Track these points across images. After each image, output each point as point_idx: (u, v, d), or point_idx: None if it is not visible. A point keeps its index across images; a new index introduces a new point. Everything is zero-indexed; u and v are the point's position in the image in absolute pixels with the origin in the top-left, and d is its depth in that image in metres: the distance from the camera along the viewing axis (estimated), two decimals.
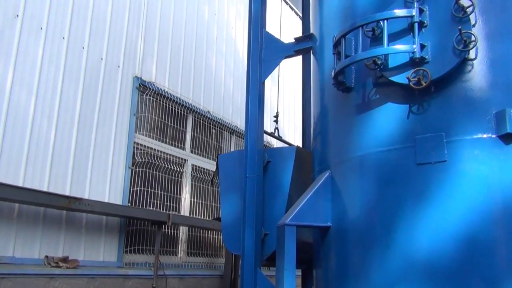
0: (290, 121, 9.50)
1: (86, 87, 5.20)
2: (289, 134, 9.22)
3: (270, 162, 3.85)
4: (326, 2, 3.56)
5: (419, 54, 2.63)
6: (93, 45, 5.36)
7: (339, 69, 2.97)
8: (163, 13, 6.53)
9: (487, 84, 2.56)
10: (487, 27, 2.63)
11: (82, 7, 5.27)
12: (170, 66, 6.55)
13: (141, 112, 5.95)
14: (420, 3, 2.73)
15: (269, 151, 3.94)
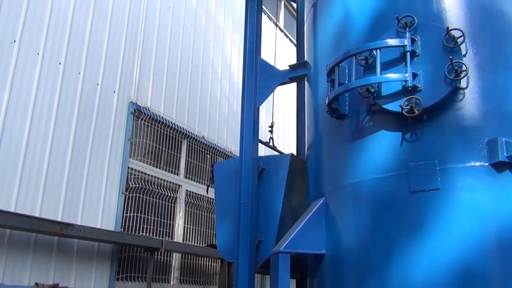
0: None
1: (81, 112, 5.21)
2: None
3: (264, 169, 3.89)
4: (320, 31, 3.63)
5: (412, 82, 2.67)
6: (89, 71, 5.39)
7: (333, 96, 3.00)
8: (160, 39, 6.61)
9: (479, 112, 2.59)
10: (478, 57, 2.69)
11: (79, 33, 5.33)
12: (166, 91, 6.59)
13: (136, 137, 5.95)
14: (412, 33, 2.78)
15: (264, 159, 3.98)
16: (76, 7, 5.32)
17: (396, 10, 2.94)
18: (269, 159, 3.99)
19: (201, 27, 7.63)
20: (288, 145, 9.37)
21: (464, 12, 2.79)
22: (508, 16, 2.78)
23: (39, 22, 4.87)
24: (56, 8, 5.07)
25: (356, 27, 3.21)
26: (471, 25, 2.76)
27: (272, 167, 3.88)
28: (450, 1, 2.84)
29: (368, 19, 3.15)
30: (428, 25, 2.78)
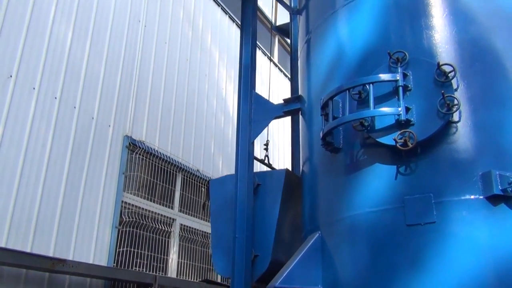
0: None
1: (76, 146, 5.20)
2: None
3: (260, 185, 3.95)
4: (314, 65, 3.69)
5: (405, 116, 2.70)
6: (84, 105, 5.42)
7: (327, 130, 3.02)
8: (155, 73, 6.68)
9: (472, 146, 2.62)
10: (469, 91, 2.73)
11: (75, 67, 5.38)
12: (161, 125, 6.61)
13: (130, 170, 5.93)
14: (403, 68, 2.83)
15: (259, 174, 4.03)
16: (73, 42, 5.40)
17: (388, 46, 3.00)
18: (264, 175, 4.04)
19: (196, 62, 7.73)
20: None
21: (454, 47, 2.86)
22: (496, 51, 2.84)
23: (36, 57, 4.92)
24: (53, 43, 5.14)
25: (349, 62, 3.27)
26: (462, 60, 2.81)
27: (267, 183, 3.94)
28: (440, 37, 2.91)
29: (361, 54, 3.22)
30: (419, 60, 2.83)
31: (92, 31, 5.69)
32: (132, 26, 6.37)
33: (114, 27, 6.05)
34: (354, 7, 3.40)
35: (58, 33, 5.21)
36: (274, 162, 6.84)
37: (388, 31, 3.12)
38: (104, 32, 5.89)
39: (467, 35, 2.87)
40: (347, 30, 3.41)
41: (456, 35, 2.88)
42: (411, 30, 3.01)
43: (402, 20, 3.10)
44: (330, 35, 3.53)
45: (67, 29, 5.34)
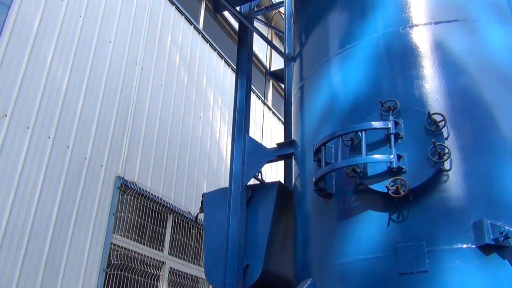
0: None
1: (67, 186, 5.16)
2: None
3: (253, 197, 4.07)
4: (307, 111, 3.74)
5: (396, 164, 2.73)
6: (78, 145, 5.42)
7: (319, 176, 3.04)
8: (150, 115, 6.74)
9: (463, 194, 2.63)
10: (460, 140, 2.77)
11: (71, 108, 5.42)
12: (154, 166, 6.61)
13: (121, 211, 5.86)
14: (395, 116, 2.89)
15: (252, 187, 4.16)
16: (70, 82, 5.46)
17: (379, 94, 3.07)
18: (257, 187, 4.17)
19: (191, 104, 7.82)
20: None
21: (444, 97, 2.92)
22: (486, 101, 2.91)
23: (32, 97, 4.96)
24: (50, 83, 5.19)
25: (342, 109, 3.33)
26: (452, 109, 2.87)
27: (260, 195, 4.07)
28: (430, 87, 2.99)
29: (353, 102, 3.28)
30: (410, 109, 2.89)
31: (89, 72, 5.77)
32: (129, 68, 6.47)
33: (111, 69, 6.14)
34: (346, 56, 3.50)
35: (55, 74, 5.28)
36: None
37: (380, 80, 3.20)
38: (101, 74, 5.97)
39: (457, 85, 2.95)
40: (340, 77, 3.49)
41: (446, 85, 2.96)
42: (402, 80, 3.09)
43: (394, 69, 3.19)
44: (323, 82, 3.61)
45: (64, 70, 5.41)
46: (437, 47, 3.12)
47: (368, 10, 3.53)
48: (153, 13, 7.21)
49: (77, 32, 5.69)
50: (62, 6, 5.52)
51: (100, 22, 6.08)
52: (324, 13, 3.90)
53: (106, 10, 6.23)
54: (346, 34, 3.60)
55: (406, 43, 3.22)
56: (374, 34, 3.40)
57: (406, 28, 3.28)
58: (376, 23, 3.44)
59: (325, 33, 3.82)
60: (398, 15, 3.36)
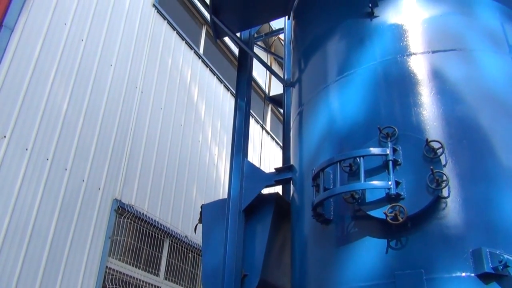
0: None
1: (64, 208, 5.13)
2: None
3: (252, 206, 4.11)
4: (306, 136, 3.76)
5: (395, 190, 2.73)
6: (76, 167, 5.41)
7: (318, 201, 3.03)
8: (149, 138, 6.75)
9: (462, 222, 2.63)
10: (458, 167, 2.78)
11: (70, 130, 5.43)
12: (151, 189, 6.58)
13: (117, 235, 5.82)
14: (393, 143, 2.90)
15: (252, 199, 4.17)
16: (70, 105, 5.49)
17: (378, 120, 3.10)
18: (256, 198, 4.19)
19: (190, 127, 7.85)
20: None
21: (442, 124, 2.95)
22: (483, 129, 2.93)
23: (31, 118, 4.97)
24: (50, 105, 5.22)
25: (340, 135, 3.35)
26: (449, 136, 2.90)
27: (258, 206, 4.13)
28: (428, 114, 3.01)
29: (351, 128, 3.30)
30: (408, 136, 2.91)
31: (89, 95, 5.80)
32: (129, 91, 6.52)
33: (111, 92, 6.18)
34: (345, 82, 3.54)
35: (55, 96, 5.31)
36: None
37: (378, 107, 3.23)
38: (101, 97, 6.01)
39: (454, 113, 2.97)
40: (339, 103, 3.52)
41: (443, 113, 2.98)
42: (400, 107, 3.12)
43: (392, 96, 3.22)
44: (322, 108, 3.64)
45: (65, 92, 5.45)
46: (434, 75, 3.16)
47: (366, 38, 3.59)
48: (154, 37, 7.31)
49: (79, 56, 5.75)
50: (65, 30, 5.60)
51: (102, 46, 6.15)
52: (323, 40, 3.96)
53: (108, 34, 6.31)
54: (345, 61, 3.65)
55: (404, 71, 3.26)
56: (372, 61, 3.45)
57: (403, 56, 3.33)
58: (374, 51, 3.49)
59: (324, 60, 3.87)
60: (396, 44, 3.42)
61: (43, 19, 5.32)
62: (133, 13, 6.91)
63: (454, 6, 3.47)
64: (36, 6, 5.23)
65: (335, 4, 4.02)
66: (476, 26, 3.38)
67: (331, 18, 3.97)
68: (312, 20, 4.26)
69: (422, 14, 3.47)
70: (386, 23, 3.55)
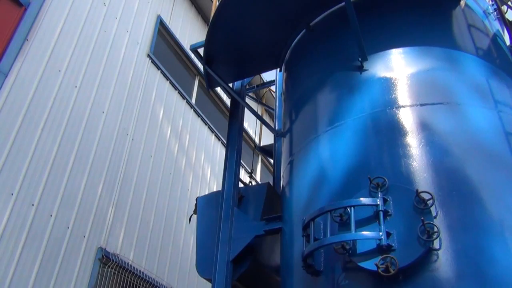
0: None
1: (46, 256, 4.97)
2: None
3: (243, 197, 4.47)
4: (296, 186, 3.75)
5: (386, 241, 2.70)
6: (61, 213, 5.30)
7: (308, 252, 2.98)
8: (138, 186, 6.68)
9: (454, 274, 2.59)
10: (448, 219, 2.78)
11: (57, 176, 5.36)
12: (138, 238, 6.44)
13: (100, 285, 5.62)
14: (383, 193, 2.90)
15: (243, 188, 4.63)
16: (59, 151, 5.44)
17: (368, 170, 3.11)
18: (247, 188, 4.64)
19: (179, 176, 7.80)
20: None
21: (432, 176, 2.97)
22: (472, 180, 2.96)
23: (18, 163, 4.91)
24: (39, 152, 5.17)
25: (331, 184, 3.35)
26: (439, 188, 2.91)
27: (250, 195, 4.47)
28: (418, 165, 3.04)
29: (342, 177, 3.31)
30: (398, 186, 2.92)
31: (79, 141, 5.78)
32: (119, 139, 6.51)
33: (102, 139, 6.17)
34: (335, 133, 3.58)
35: (45, 141, 5.29)
36: None
37: (368, 157, 3.25)
38: (91, 143, 5.99)
39: (444, 165, 3.00)
40: (329, 153, 3.54)
41: (433, 164, 3.01)
42: (390, 158, 3.15)
43: (382, 147, 3.25)
44: (312, 158, 3.66)
45: (55, 138, 5.43)
46: (423, 128, 3.22)
47: (355, 90, 3.67)
48: (148, 86, 7.40)
49: (71, 102, 5.77)
50: (59, 77, 5.66)
51: (95, 93, 6.20)
52: (313, 92, 4.04)
53: (102, 81, 6.38)
54: (335, 112, 3.71)
55: (393, 123, 3.32)
56: (362, 113, 3.51)
57: (393, 109, 3.40)
58: (364, 103, 3.56)
59: (314, 111, 3.93)
60: (385, 96, 3.50)
61: (38, 65, 5.38)
62: (127, 62, 7.04)
63: (441, 61, 3.59)
64: (32, 52, 5.31)
65: (326, 57, 4.14)
66: (462, 81, 3.48)
67: (322, 70, 4.07)
68: (303, 72, 4.36)
69: (410, 68, 3.58)
70: (375, 76, 3.64)
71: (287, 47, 4.83)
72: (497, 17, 4.38)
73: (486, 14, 4.29)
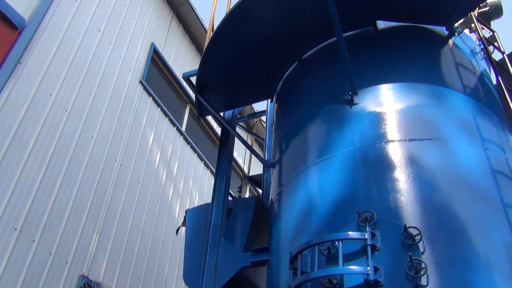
0: None
1: (27, 282, 4.84)
2: None
3: (233, 209, 4.58)
4: (284, 217, 3.73)
5: (373, 277, 2.68)
6: (44, 239, 5.19)
7: (295, 285, 2.94)
8: (123, 213, 6.59)
9: None
10: (436, 255, 2.77)
11: (42, 201, 5.27)
12: (121, 267, 6.30)
13: None
14: (372, 227, 2.90)
15: (233, 201, 4.76)
16: (46, 175, 5.38)
17: (357, 204, 3.11)
18: (237, 201, 4.80)
19: (167, 204, 7.72)
20: None
21: (420, 211, 2.97)
22: (460, 217, 2.97)
23: (4, 186, 4.84)
24: (26, 173, 5.10)
25: (319, 217, 3.33)
26: (427, 224, 2.91)
27: (239, 207, 4.60)
28: (406, 200, 3.05)
29: (330, 210, 3.30)
30: (387, 221, 2.92)
31: (66, 165, 5.72)
32: (107, 164, 6.46)
33: (89, 164, 6.12)
34: (324, 165, 3.60)
35: (32, 165, 5.22)
36: None
37: (357, 191, 3.26)
38: (79, 168, 5.93)
39: (432, 201, 3.02)
40: (318, 186, 3.54)
41: (421, 199, 3.02)
42: (379, 192, 3.15)
43: (370, 181, 3.27)
44: (301, 190, 3.65)
45: (42, 162, 5.36)
46: (411, 163, 3.24)
47: (345, 123, 3.71)
48: (138, 113, 7.40)
49: (61, 126, 5.74)
50: (50, 100, 5.64)
51: (85, 118, 6.18)
52: (304, 124, 4.07)
53: (93, 106, 6.37)
54: (325, 145, 3.74)
55: (382, 157, 3.34)
56: (351, 146, 3.54)
57: (381, 143, 3.43)
58: (353, 136, 3.60)
59: (304, 143, 3.95)
60: (374, 130, 3.53)
61: (30, 88, 5.37)
62: (119, 87, 7.05)
63: (429, 98, 3.65)
64: (24, 75, 5.31)
65: (317, 90, 4.19)
66: (450, 117, 3.54)
67: (313, 103, 4.12)
68: (294, 104, 4.41)
69: (399, 103, 3.64)
70: (365, 111, 3.69)
71: (279, 79, 4.89)
72: (484, 56, 4.50)
73: (474, 54, 4.40)
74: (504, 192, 3.17)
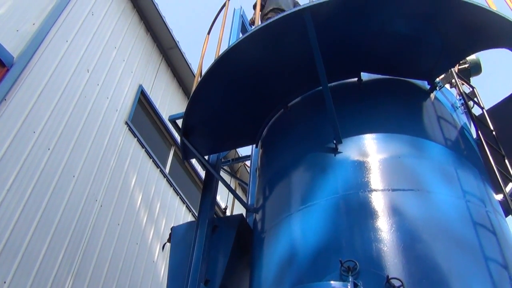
0: None
1: None
2: None
3: (217, 226, 4.73)
4: (266, 264, 3.67)
5: None
6: (16, 281, 4.98)
7: None
8: (101, 254, 6.40)
9: None
10: None
11: (16, 241, 5.10)
12: None
13: None
14: (354, 277, 2.87)
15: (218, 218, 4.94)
16: (23, 213, 5.23)
17: (339, 253, 3.09)
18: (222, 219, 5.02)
19: (146, 247, 7.55)
20: None
21: (402, 262, 2.96)
22: (442, 268, 2.97)
23: None
24: (1, 212, 4.97)
25: (301, 265, 3.29)
26: (409, 275, 2.89)
27: (224, 224, 4.78)
28: (388, 250, 3.04)
29: (313, 258, 3.27)
30: (369, 271, 2.89)
31: (45, 204, 5.59)
32: (87, 204, 6.34)
33: (69, 203, 5.99)
34: (307, 212, 3.59)
35: (9, 203, 5.09)
36: None
37: (340, 239, 3.25)
38: (57, 208, 5.79)
39: (414, 252, 3.01)
40: (301, 233, 3.52)
41: (403, 250, 3.02)
42: (362, 241, 3.15)
43: (353, 230, 3.26)
44: (283, 236, 3.62)
45: (19, 200, 5.23)
46: (394, 213, 3.26)
47: (329, 171, 3.74)
48: (122, 154, 7.35)
49: (42, 164, 5.65)
50: (33, 138, 5.58)
51: (68, 156, 6.11)
52: (288, 171, 4.09)
53: (76, 146, 6.32)
54: (308, 192, 3.74)
55: (365, 206, 3.35)
56: (335, 194, 3.55)
57: (365, 192, 3.45)
58: (337, 184, 3.62)
59: (288, 189, 3.96)
60: (358, 179, 3.56)
61: (13, 125, 5.32)
62: (104, 128, 7.03)
63: (412, 148, 3.72)
64: (8, 112, 5.26)
65: (302, 138, 4.24)
66: (432, 169, 3.60)
67: (298, 150, 4.15)
68: (279, 150, 4.44)
69: (383, 153, 3.69)
70: (349, 159, 3.73)
71: (265, 125, 4.95)
72: (464, 111, 4.63)
73: (454, 108, 4.53)
74: (484, 244, 3.19)
